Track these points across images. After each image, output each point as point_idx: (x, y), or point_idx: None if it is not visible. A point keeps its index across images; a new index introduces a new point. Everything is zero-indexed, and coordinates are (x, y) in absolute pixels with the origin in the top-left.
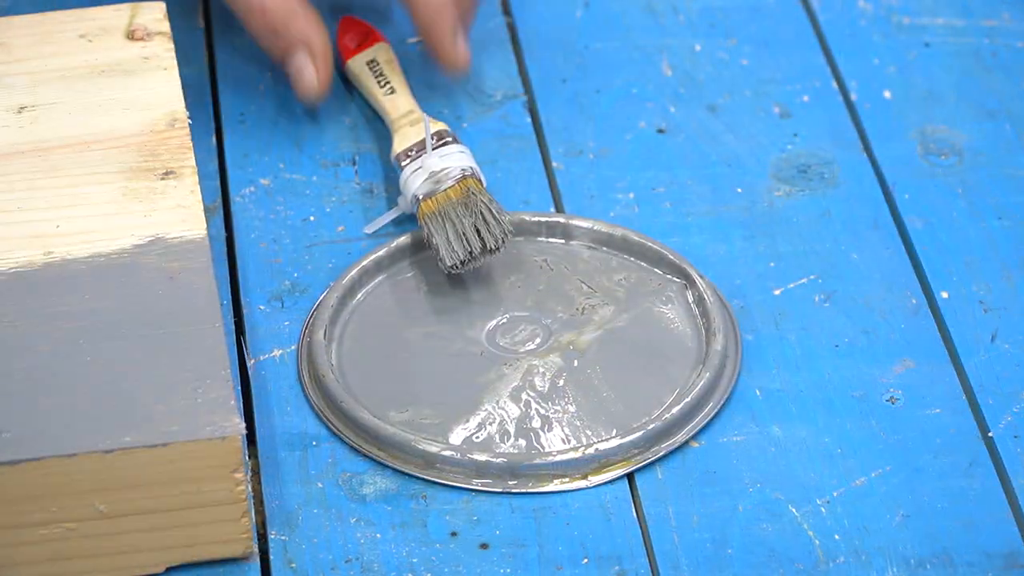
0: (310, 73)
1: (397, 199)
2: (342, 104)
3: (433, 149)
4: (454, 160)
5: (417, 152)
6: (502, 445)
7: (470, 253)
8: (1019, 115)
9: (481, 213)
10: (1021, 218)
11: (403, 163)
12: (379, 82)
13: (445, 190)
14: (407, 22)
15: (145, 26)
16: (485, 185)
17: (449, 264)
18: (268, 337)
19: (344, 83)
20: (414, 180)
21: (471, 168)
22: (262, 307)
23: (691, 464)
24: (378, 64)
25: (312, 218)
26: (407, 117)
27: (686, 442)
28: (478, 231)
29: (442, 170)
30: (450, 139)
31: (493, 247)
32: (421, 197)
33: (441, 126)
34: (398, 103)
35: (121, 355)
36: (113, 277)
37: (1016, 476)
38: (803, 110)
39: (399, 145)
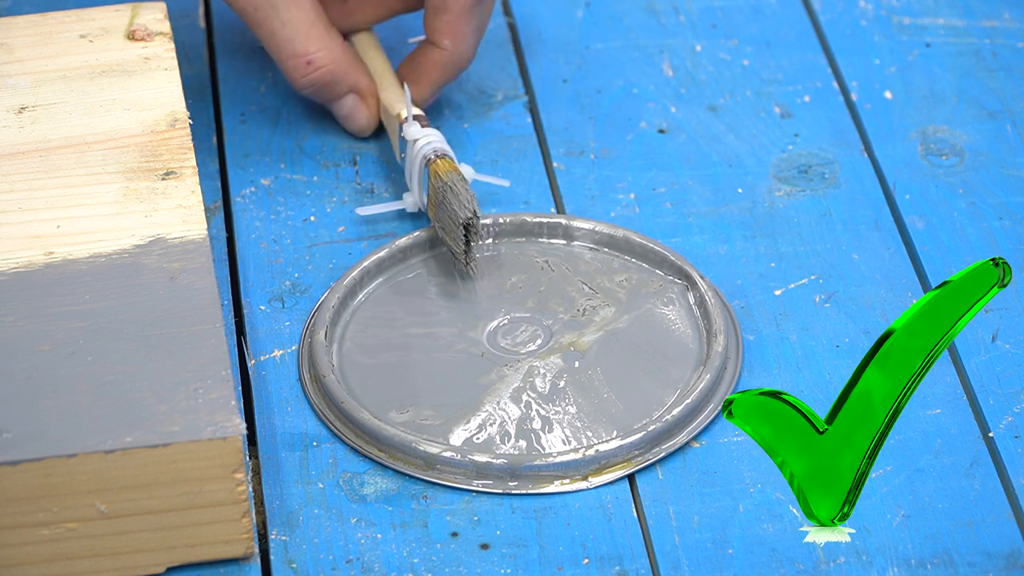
0: (363, 115)
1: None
2: None
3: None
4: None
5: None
6: (503, 446)
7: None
8: (1020, 115)
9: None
10: (1022, 218)
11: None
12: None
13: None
14: (407, 22)
15: (146, 26)
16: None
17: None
18: (269, 337)
19: None
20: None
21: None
22: (263, 307)
23: (692, 464)
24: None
25: (312, 218)
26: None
27: (687, 443)
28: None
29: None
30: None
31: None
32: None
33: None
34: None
35: (122, 355)
36: (114, 277)
37: (1017, 476)
38: (804, 110)
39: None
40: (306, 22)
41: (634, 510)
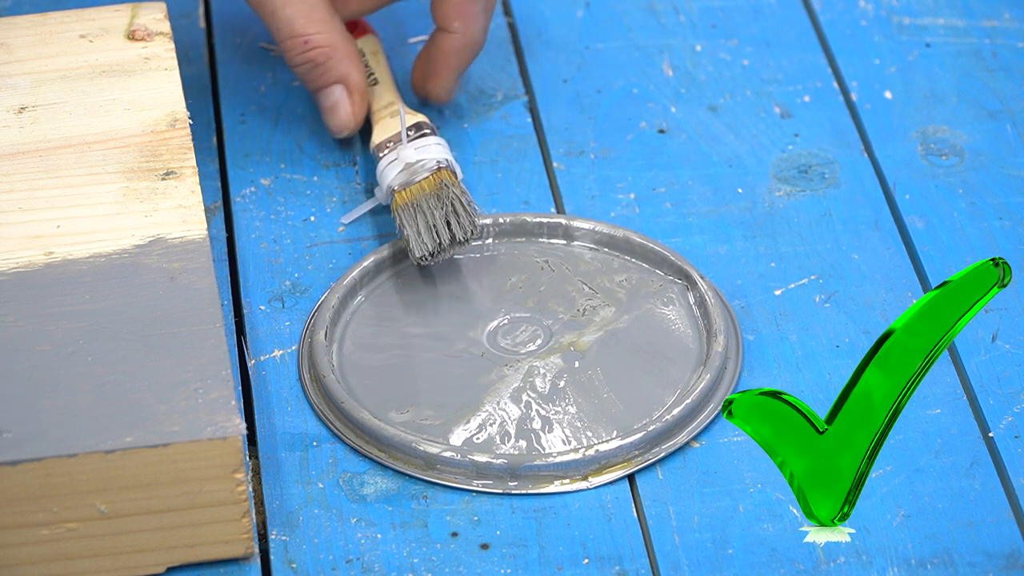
0: (346, 110)
1: (374, 190)
2: None
3: (410, 141)
4: (430, 152)
5: (394, 144)
6: (503, 446)
7: (439, 244)
8: (1020, 115)
9: (452, 205)
10: (1021, 218)
11: (380, 154)
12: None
13: (419, 182)
14: (407, 23)
15: (146, 26)
16: (460, 177)
17: (418, 255)
18: (269, 337)
19: None
20: (390, 171)
21: (446, 160)
22: (263, 307)
23: (692, 464)
24: (364, 55)
25: (313, 218)
26: (388, 108)
27: (687, 443)
28: (448, 223)
29: (417, 162)
30: (428, 131)
31: (462, 239)
32: (396, 188)
33: (420, 118)
34: (379, 94)
35: (122, 355)
36: (114, 277)
37: (1017, 476)
38: (804, 110)
39: (378, 136)
40: (308, 4)
41: (634, 510)
